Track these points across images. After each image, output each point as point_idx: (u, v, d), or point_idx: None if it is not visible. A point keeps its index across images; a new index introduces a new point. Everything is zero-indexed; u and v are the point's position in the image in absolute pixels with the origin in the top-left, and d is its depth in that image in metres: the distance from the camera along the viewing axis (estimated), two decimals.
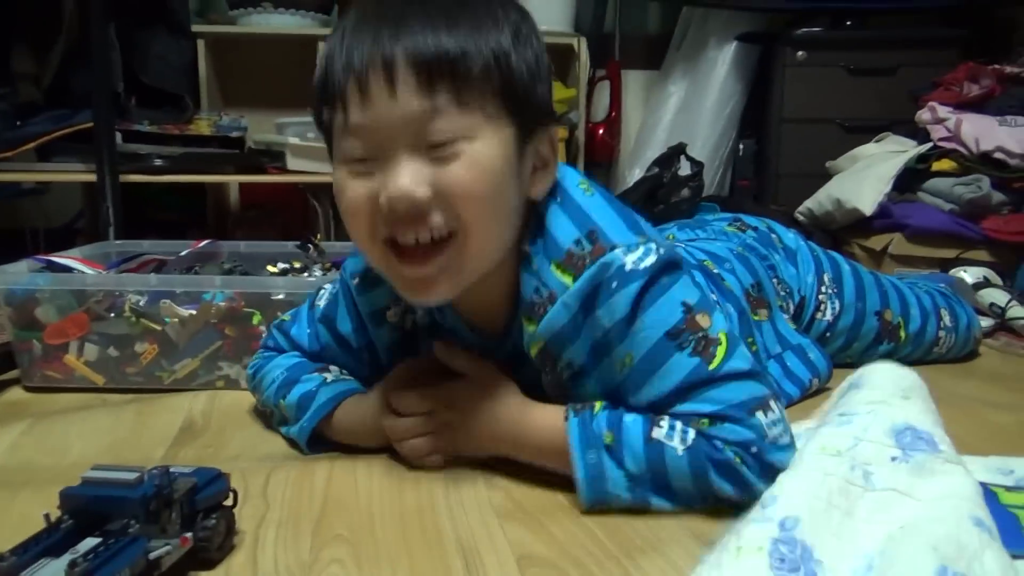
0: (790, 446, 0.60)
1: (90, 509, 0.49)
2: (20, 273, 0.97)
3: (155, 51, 1.80)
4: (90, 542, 0.47)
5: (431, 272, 0.61)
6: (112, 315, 0.93)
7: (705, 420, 0.59)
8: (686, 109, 2.32)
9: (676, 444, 0.59)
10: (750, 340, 0.85)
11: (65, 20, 1.57)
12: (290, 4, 2.15)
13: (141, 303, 0.93)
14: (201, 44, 2.16)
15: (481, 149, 0.58)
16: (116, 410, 0.88)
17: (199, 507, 0.52)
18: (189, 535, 0.50)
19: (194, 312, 0.93)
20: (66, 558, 0.45)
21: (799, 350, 0.91)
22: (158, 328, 0.93)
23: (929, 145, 1.68)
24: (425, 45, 0.56)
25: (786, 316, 0.94)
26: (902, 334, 1.03)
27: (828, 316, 1.00)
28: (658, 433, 0.60)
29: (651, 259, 0.61)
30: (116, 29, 1.64)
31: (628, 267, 0.61)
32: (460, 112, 0.57)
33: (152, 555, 0.47)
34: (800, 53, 2.09)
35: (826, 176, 1.88)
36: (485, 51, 0.58)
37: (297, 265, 1.13)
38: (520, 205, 0.64)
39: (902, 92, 1.93)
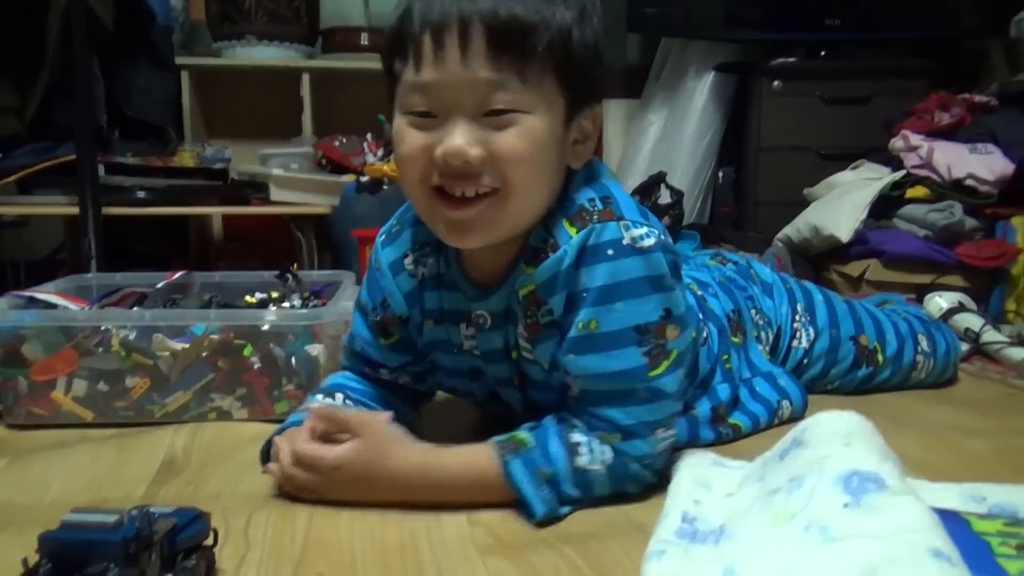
0: (669, 452, 0.73)
1: (69, 553, 0.48)
2: (1, 310, 0.96)
3: (138, 84, 1.81)
4: None
5: (472, 216, 0.65)
6: (100, 350, 0.93)
7: (618, 435, 0.67)
8: (666, 138, 2.35)
9: (598, 467, 0.67)
10: (725, 357, 0.89)
11: (48, 53, 1.57)
12: (274, 36, 2.17)
13: (131, 337, 0.93)
14: (185, 76, 2.17)
15: (534, 121, 0.63)
16: (97, 446, 0.88)
17: (179, 548, 0.52)
18: None
19: (186, 346, 0.93)
20: None
21: (769, 376, 0.94)
22: (150, 362, 0.93)
23: (903, 172, 1.72)
24: (500, 12, 0.60)
25: (761, 347, 0.97)
26: (879, 358, 1.05)
27: (804, 343, 1.02)
28: (580, 461, 0.67)
29: (651, 241, 0.66)
30: (100, 62, 1.65)
31: (625, 241, 0.66)
32: (521, 85, 0.62)
33: None
34: (776, 83, 2.14)
35: (804, 203, 1.91)
36: (552, 26, 0.62)
37: (275, 295, 1.13)
38: (560, 172, 0.69)
39: (876, 121, 1.97)
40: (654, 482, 0.71)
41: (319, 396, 0.81)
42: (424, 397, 0.88)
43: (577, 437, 0.68)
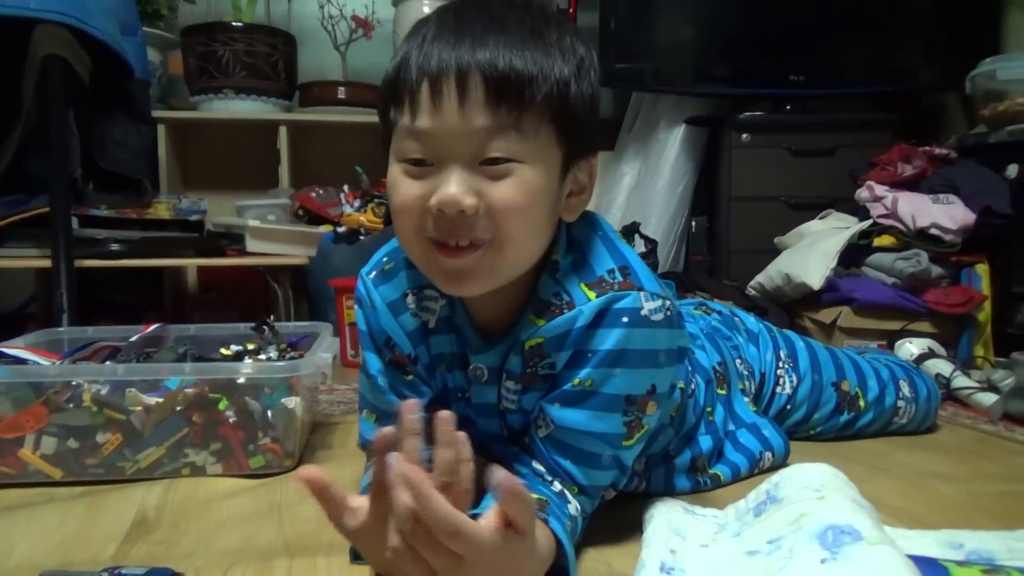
0: None
1: None
2: None
3: (114, 136, 1.81)
4: None
5: (469, 265, 0.64)
6: (71, 406, 0.91)
7: (575, 488, 0.69)
8: (639, 188, 2.40)
9: (578, 515, 0.69)
10: (709, 410, 0.91)
11: (24, 107, 1.57)
12: (252, 90, 2.20)
13: (103, 392, 0.91)
14: (162, 129, 2.18)
15: (530, 172, 0.63)
16: (65, 505, 0.85)
17: None
18: None
19: (160, 400, 0.92)
20: None
21: (753, 428, 0.94)
22: (122, 417, 0.92)
23: (869, 222, 1.76)
24: (499, 63, 0.60)
25: (747, 398, 0.98)
26: (861, 403, 1.07)
27: (787, 389, 1.04)
28: (570, 510, 0.68)
29: (660, 316, 0.68)
30: (75, 115, 1.65)
31: (643, 312, 0.67)
32: (518, 135, 0.62)
33: None
34: (744, 136, 2.19)
35: (775, 251, 1.95)
36: (550, 78, 0.62)
37: (251, 347, 1.12)
38: (554, 223, 0.69)
39: (842, 171, 2.03)
40: None
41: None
42: None
43: (558, 486, 0.69)
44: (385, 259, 0.79)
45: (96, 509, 0.84)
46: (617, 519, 0.76)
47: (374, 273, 0.79)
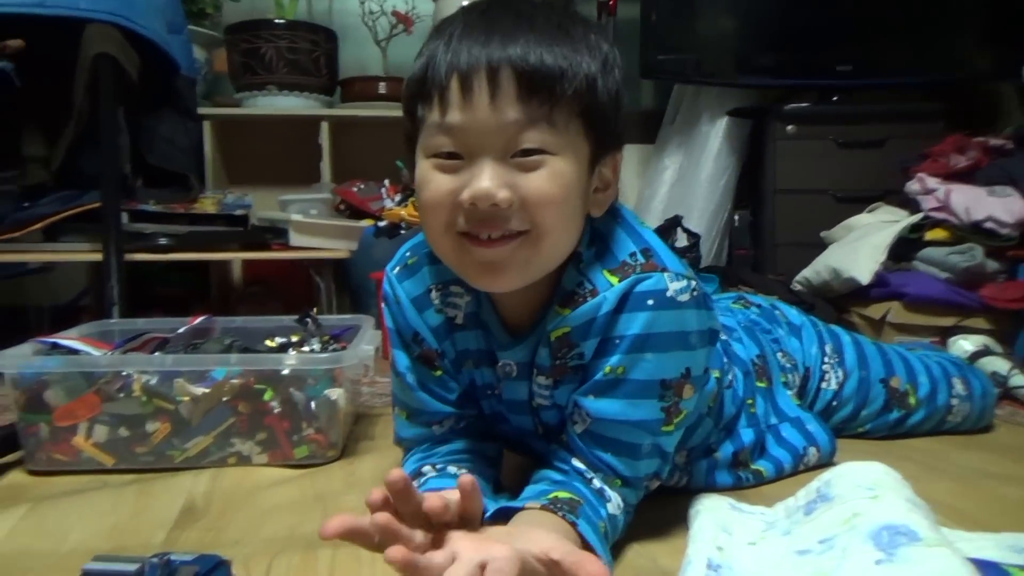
0: None
1: None
2: (25, 356, 0.97)
3: (162, 133, 1.85)
4: None
5: (504, 255, 0.64)
6: (122, 395, 0.93)
7: (618, 481, 0.69)
8: (681, 182, 2.37)
9: (618, 513, 0.68)
10: (751, 401, 0.89)
11: (76, 105, 1.61)
12: (294, 87, 2.22)
13: (152, 382, 0.93)
14: (208, 125, 2.22)
15: (562, 164, 0.63)
16: (116, 492, 0.87)
17: None
18: None
19: (207, 390, 0.94)
20: None
21: (797, 422, 0.92)
22: (171, 407, 0.93)
23: (921, 215, 1.71)
24: (530, 58, 0.60)
25: (790, 392, 0.95)
26: (911, 400, 1.04)
27: (833, 385, 1.01)
28: (611, 508, 0.67)
29: (686, 296, 0.66)
30: (125, 112, 1.69)
31: (669, 293, 0.66)
32: (550, 128, 0.62)
33: None
34: (790, 127, 2.15)
35: (821, 245, 1.91)
36: (579, 73, 0.62)
37: (296, 339, 1.14)
38: (584, 217, 0.68)
39: (891, 163, 1.98)
40: None
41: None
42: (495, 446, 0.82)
43: (597, 483, 0.68)
44: (408, 254, 0.78)
45: (146, 496, 0.86)
46: (662, 515, 0.75)
47: (398, 269, 0.78)
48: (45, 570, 0.66)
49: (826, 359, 1.01)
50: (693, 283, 0.68)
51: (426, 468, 0.74)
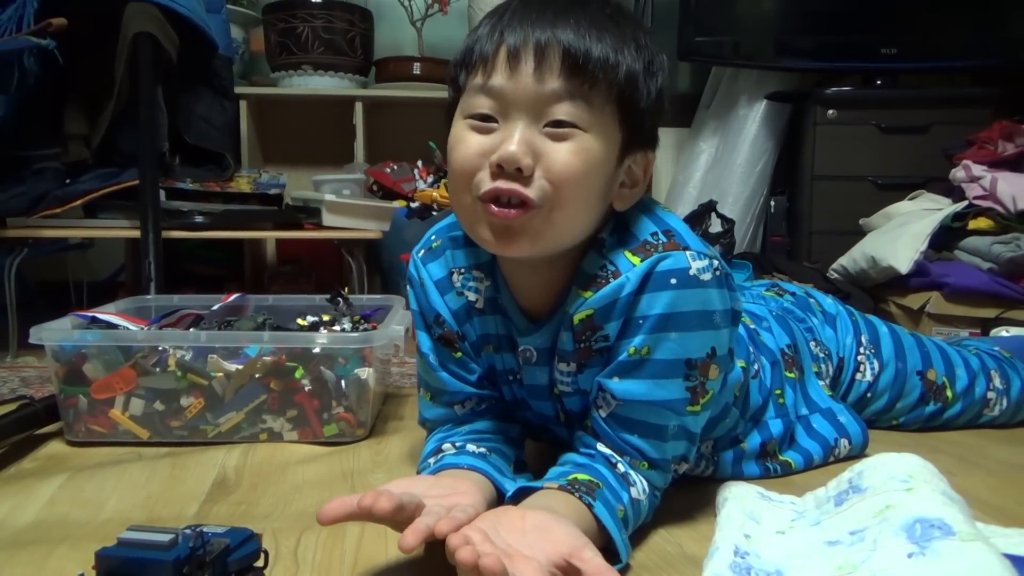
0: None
1: (124, 571, 0.49)
2: (65, 330, 0.99)
3: (199, 112, 1.87)
4: None
5: (519, 222, 0.64)
6: (158, 370, 0.95)
7: (645, 464, 0.68)
8: (717, 166, 2.33)
9: (642, 498, 0.67)
10: (779, 392, 0.87)
11: (116, 84, 1.64)
12: (329, 67, 2.23)
13: (187, 358, 0.95)
14: (244, 105, 2.24)
15: (591, 141, 0.64)
16: (151, 464, 0.89)
17: (231, 569, 0.52)
18: None
19: (240, 367, 0.95)
20: None
21: (828, 413, 0.91)
22: (204, 382, 0.95)
23: (964, 203, 1.67)
24: (577, 39, 0.62)
25: (823, 382, 0.94)
26: (948, 393, 1.02)
27: (868, 376, 0.99)
28: (634, 493, 0.67)
29: (708, 275, 0.66)
30: (163, 92, 1.71)
31: (691, 272, 0.65)
32: (586, 104, 0.63)
33: None
34: (831, 112, 2.10)
35: (859, 233, 1.87)
36: (623, 65, 0.64)
37: (327, 318, 1.15)
38: (604, 207, 0.68)
39: (935, 150, 1.93)
40: None
41: (430, 462, 0.74)
42: (518, 429, 0.82)
43: (622, 467, 0.68)
44: (433, 237, 0.79)
45: (180, 469, 0.88)
46: (689, 502, 0.75)
47: (423, 251, 0.80)
48: (82, 538, 0.67)
49: (861, 349, 1.00)
50: (715, 262, 0.67)
51: (446, 446, 0.75)
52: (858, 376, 0.99)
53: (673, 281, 0.65)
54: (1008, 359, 1.10)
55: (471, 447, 0.74)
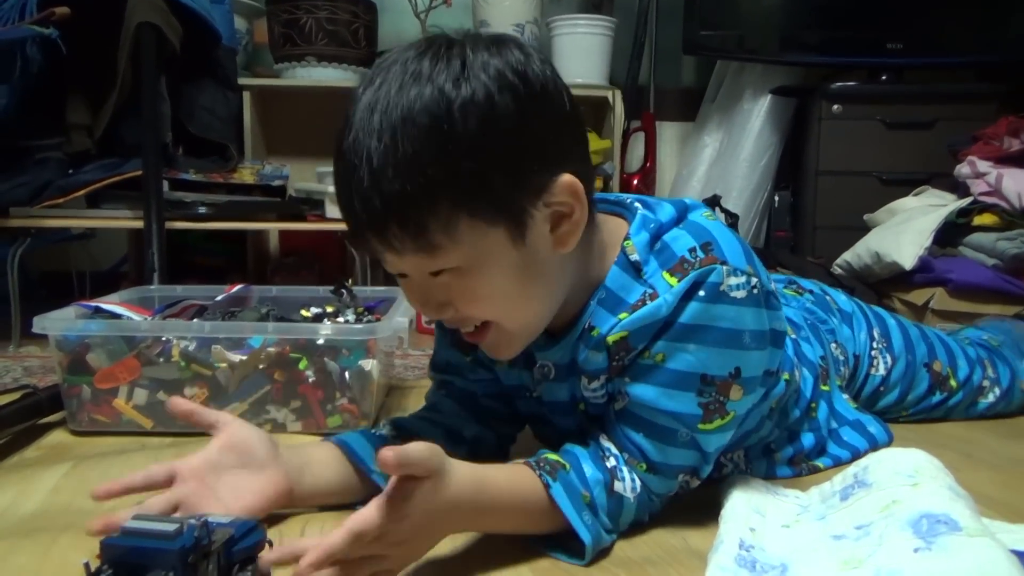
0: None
1: (129, 560, 0.49)
2: (69, 319, 0.99)
3: (203, 103, 1.86)
4: None
5: (488, 342, 0.67)
6: (161, 360, 0.95)
7: (644, 465, 0.67)
8: (721, 160, 2.33)
9: (628, 494, 0.66)
10: (813, 406, 0.86)
11: (119, 74, 1.63)
12: (333, 59, 2.22)
13: (191, 348, 0.95)
14: (247, 96, 2.23)
15: (475, 272, 0.61)
16: (155, 454, 0.89)
17: (235, 559, 0.52)
18: None
19: (244, 357, 0.95)
20: None
21: (857, 424, 0.90)
22: (208, 373, 0.95)
23: (970, 199, 1.67)
24: (379, 221, 0.58)
25: (845, 396, 0.94)
26: (952, 383, 1.03)
27: (881, 370, 1.00)
28: (617, 487, 0.65)
29: (743, 293, 0.64)
30: (166, 82, 1.70)
31: (723, 287, 0.63)
32: (454, 245, 0.59)
33: None
34: (836, 107, 2.10)
35: (863, 228, 1.87)
36: (452, 193, 0.57)
37: (330, 309, 1.15)
38: (550, 267, 0.64)
39: (940, 146, 1.92)
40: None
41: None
42: (514, 427, 0.84)
43: (612, 461, 0.67)
44: None
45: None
46: (693, 496, 0.74)
47: None
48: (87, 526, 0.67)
49: (874, 344, 1.00)
50: (754, 280, 0.65)
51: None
52: (872, 371, 0.99)
53: (701, 294, 0.63)
54: (996, 348, 1.11)
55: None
